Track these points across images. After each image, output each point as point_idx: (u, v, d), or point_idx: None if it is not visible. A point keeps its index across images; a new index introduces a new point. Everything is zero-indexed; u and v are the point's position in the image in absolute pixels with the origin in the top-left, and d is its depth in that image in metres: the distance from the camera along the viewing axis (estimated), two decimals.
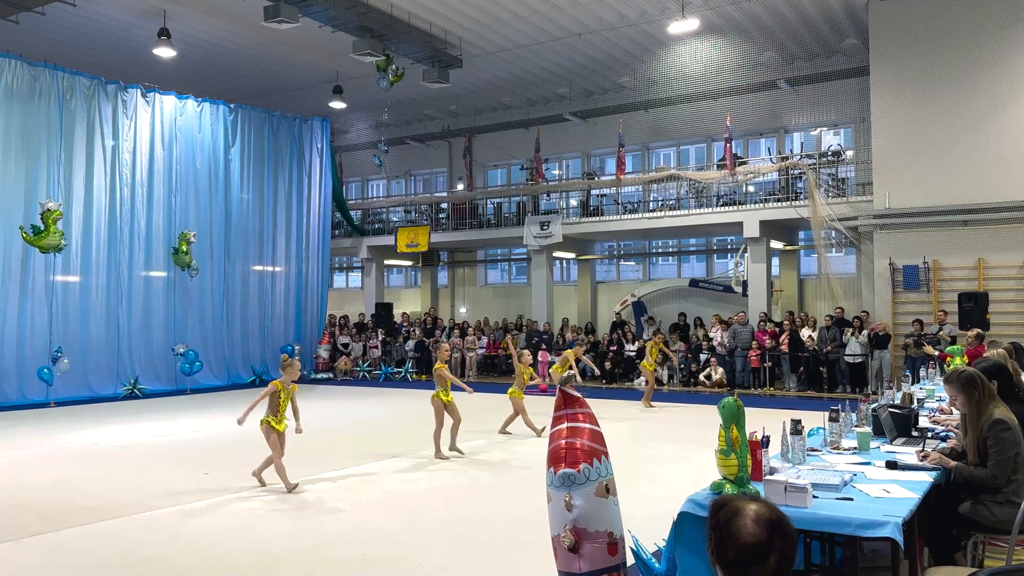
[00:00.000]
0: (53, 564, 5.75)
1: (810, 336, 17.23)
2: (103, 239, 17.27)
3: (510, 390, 11.63)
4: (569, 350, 15.52)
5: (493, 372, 21.55)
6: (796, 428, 4.79)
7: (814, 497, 3.82)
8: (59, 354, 16.04)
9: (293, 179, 21.70)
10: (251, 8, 16.09)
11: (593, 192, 22.15)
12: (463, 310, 26.03)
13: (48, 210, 15.67)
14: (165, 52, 17.70)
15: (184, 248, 18.41)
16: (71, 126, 16.78)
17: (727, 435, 3.83)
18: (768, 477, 4.01)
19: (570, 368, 15.30)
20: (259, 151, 20.79)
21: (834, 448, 5.19)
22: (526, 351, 13.79)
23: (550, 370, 15.78)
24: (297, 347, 21.18)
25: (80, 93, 16.99)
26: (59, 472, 9.11)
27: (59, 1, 16.01)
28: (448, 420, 9.91)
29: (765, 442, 4.30)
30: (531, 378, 12.13)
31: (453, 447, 9.99)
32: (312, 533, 6.48)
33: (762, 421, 5.22)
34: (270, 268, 21.09)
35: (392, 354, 22.40)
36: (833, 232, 17.65)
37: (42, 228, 15.70)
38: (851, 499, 3.89)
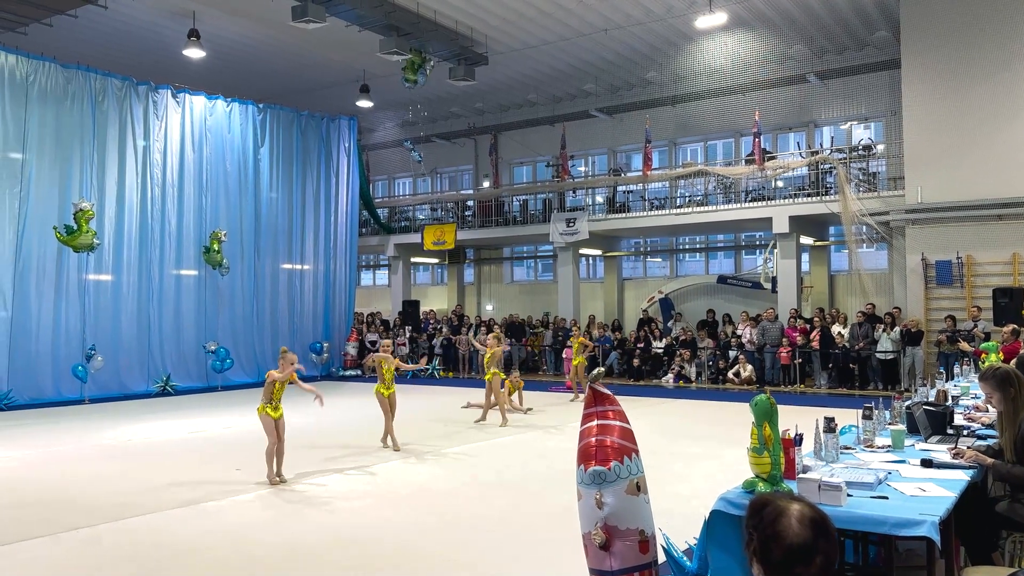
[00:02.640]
0: (88, 558, 5.85)
1: (840, 333, 17.03)
2: (135, 238, 17.51)
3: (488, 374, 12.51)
4: (572, 338, 15.76)
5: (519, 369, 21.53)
6: (829, 426, 4.73)
7: (848, 496, 3.77)
8: (93, 352, 16.30)
9: (321, 178, 21.87)
10: (279, 8, 16.22)
11: (619, 188, 22.05)
12: (489, 307, 26.07)
13: (81, 210, 15.92)
14: (195, 53, 17.90)
15: (215, 247, 18.62)
16: (103, 127, 17.03)
17: (760, 433, 3.79)
18: (802, 475, 3.97)
19: (583, 347, 15.58)
20: (288, 150, 20.97)
21: (868, 446, 5.13)
22: (490, 336, 14.14)
23: (573, 353, 15.84)
24: (325, 344, 21.37)
25: (112, 94, 17.24)
26: (94, 468, 9.26)
27: (91, 4, 16.25)
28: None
29: (798, 440, 4.26)
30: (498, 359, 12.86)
31: (386, 440, 10.33)
32: (342, 528, 6.53)
33: (793, 419, 5.16)
34: (299, 266, 21.28)
35: (418, 351, 22.49)
36: (864, 227, 17.43)
37: (75, 228, 15.96)
38: (886, 497, 3.84)
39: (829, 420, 4.77)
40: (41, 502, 7.57)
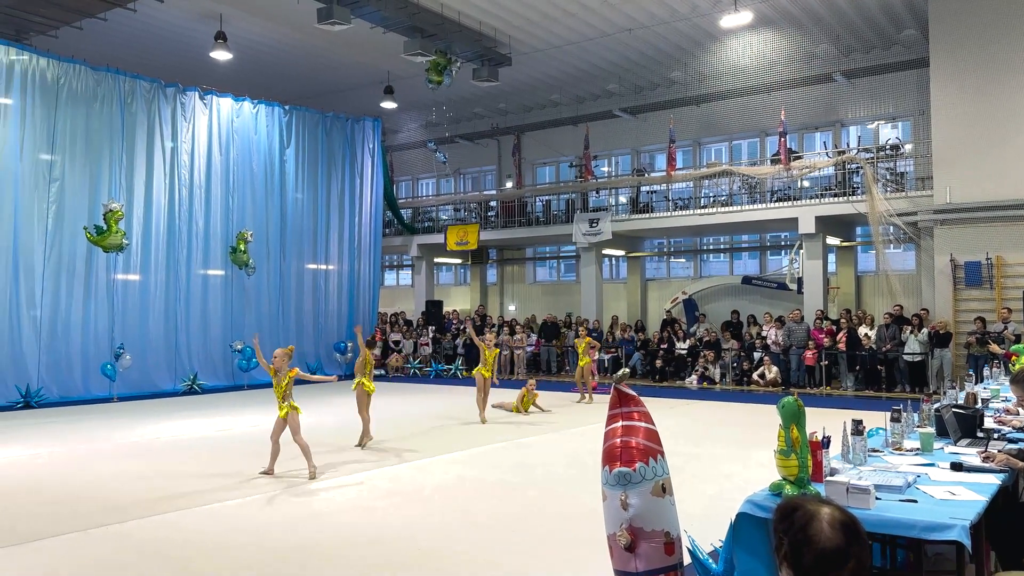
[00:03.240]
0: (119, 554, 5.93)
1: (867, 334, 16.85)
2: (162, 239, 17.73)
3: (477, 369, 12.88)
4: (578, 339, 15.93)
5: (541, 370, 21.54)
6: (857, 428, 4.69)
7: (877, 499, 3.75)
8: (121, 351, 16.52)
9: (346, 179, 22.02)
10: (304, 10, 16.35)
11: (643, 188, 21.98)
12: (512, 307, 26.08)
13: (111, 210, 16.15)
14: (221, 55, 18.09)
15: (242, 247, 18.82)
16: (132, 129, 17.26)
17: (787, 435, 3.77)
18: (829, 478, 3.94)
19: (592, 348, 15.48)
20: (313, 152, 21.14)
21: (896, 449, 5.08)
22: (489, 335, 14.49)
23: (579, 351, 15.76)
24: (349, 344, 21.49)
25: (141, 96, 17.47)
26: (122, 465, 9.38)
27: (120, 7, 16.47)
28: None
29: (826, 443, 4.22)
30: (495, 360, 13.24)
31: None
32: (367, 527, 6.57)
33: (820, 421, 5.12)
34: (324, 266, 21.44)
35: (442, 351, 22.56)
36: (892, 228, 17.25)
37: (105, 228, 16.18)
38: (915, 501, 3.81)
39: (857, 423, 4.73)
40: (71, 498, 7.69)
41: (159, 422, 13.07)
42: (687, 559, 4.15)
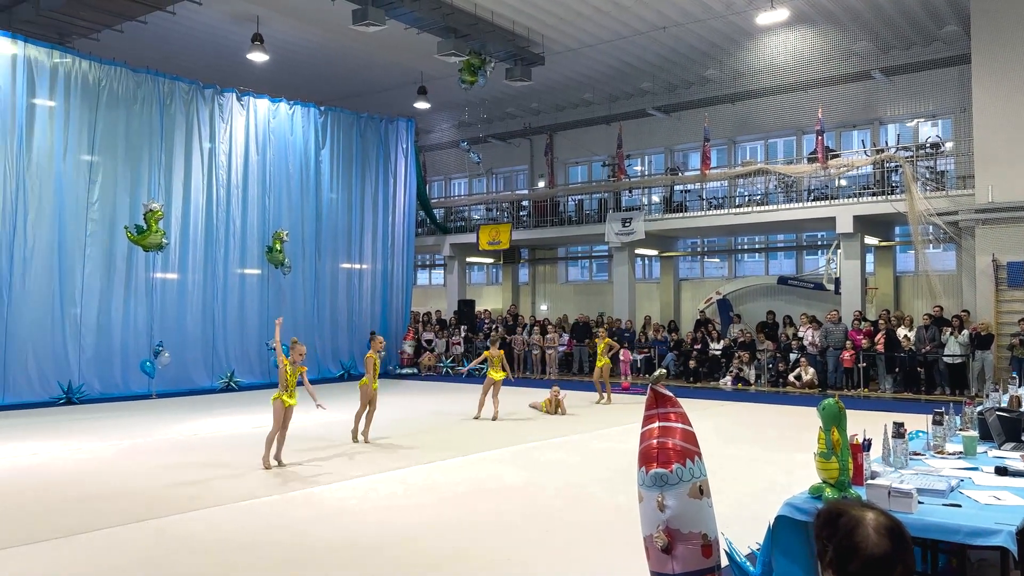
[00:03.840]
0: (157, 548, 6.03)
1: (907, 336, 16.57)
2: (200, 238, 17.99)
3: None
4: (598, 339, 15.88)
5: (573, 370, 21.50)
6: (898, 431, 4.62)
7: (919, 503, 3.69)
8: (160, 348, 16.79)
9: (379, 179, 22.18)
10: (340, 12, 16.48)
11: (677, 188, 21.81)
12: (544, 307, 26.06)
13: (151, 210, 16.42)
14: (258, 57, 18.31)
15: (278, 247, 19.04)
16: (171, 130, 17.54)
17: (827, 438, 3.72)
18: (870, 481, 3.88)
19: (609, 348, 15.32)
20: (347, 152, 21.32)
21: (938, 452, 4.99)
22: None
23: (598, 351, 15.65)
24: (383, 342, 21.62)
25: (179, 98, 17.74)
26: (161, 461, 9.53)
27: (160, 10, 16.75)
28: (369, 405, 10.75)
29: (866, 445, 4.17)
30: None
31: (364, 433, 10.76)
32: (399, 525, 6.60)
33: (858, 423, 5.05)
34: (357, 266, 21.61)
35: (474, 351, 22.59)
36: (931, 227, 16.94)
37: (145, 228, 16.46)
38: (959, 505, 3.74)
39: (898, 425, 4.66)
40: (111, 493, 7.83)
41: (197, 419, 13.27)
42: (724, 561, 4.11)
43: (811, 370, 17.18)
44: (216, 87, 18.49)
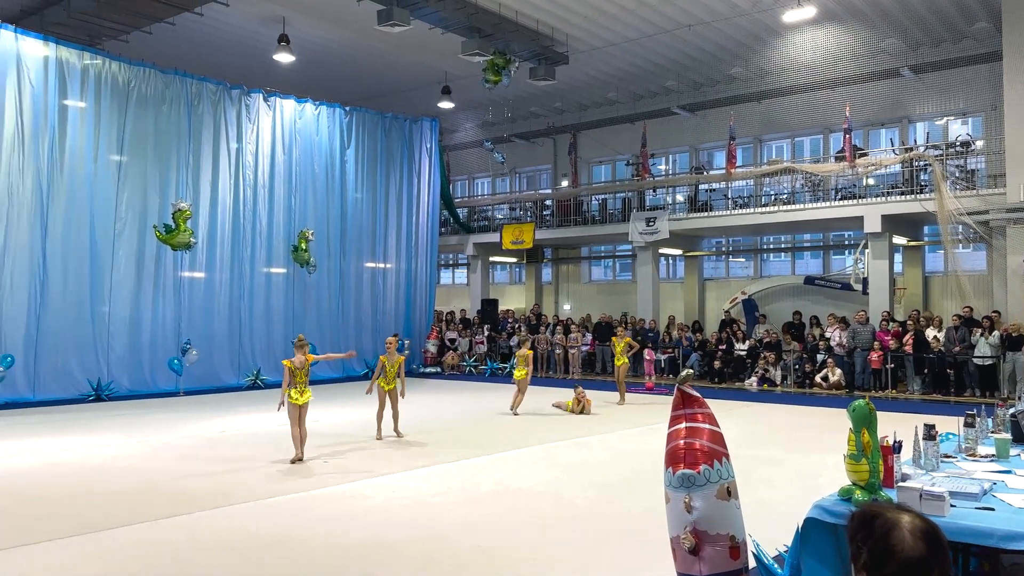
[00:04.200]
0: (186, 544, 6.10)
1: (936, 336, 16.35)
2: (227, 237, 18.17)
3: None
4: (616, 338, 15.87)
5: (595, 370, 21.45)
6: (929, 433, 4.56)
7: (952, 506, 3.64)
8: (188, 346, 16.98)
9: (404, 179, 22.27)
10: (365, 12, 16.56)
11: (701, 187, 21.68)
12: (567, 307, 26.03)
13: (179, 210, 16.61)
14: (284, 57, 18.45)
15: (303, 246, 19.19)
16: (198, 130, 17.72)
17: (858, 439, 3.69)
18: (901, 484, 3.84)
19: (629, 347, 15.20)
20: (372, 152, 21.43)
21: (970, 455, 4.92)
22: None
23: (617, 351, 15.56)
24: (407, 341, 21.73)
25: (207, 99, 17.92)
26: (189, 457, 9.65)
27: (188, 12, 16.93)
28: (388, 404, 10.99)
29: (897, 447, 4.12)
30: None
31: (395, 429, 11.00)
32: (426, 523, 6.63)
33: (886, 425, 4.99)
34: (382, 265, 21.72)
35: (497, 350, 22.63)
36: (961, 227, 16.70)
37: (174, 227, 16.65)
38: (992, 509, 3.68)
39: (929, 427, 4.60)
40: (141, 489, 7.93)
41: (224, 416, 13.40)
42: (752, 563, 4.09)
43: (838, 371, 17.01)
44: (243, 88, 18.65)
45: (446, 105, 22.66)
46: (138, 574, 5.44)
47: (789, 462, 9.27)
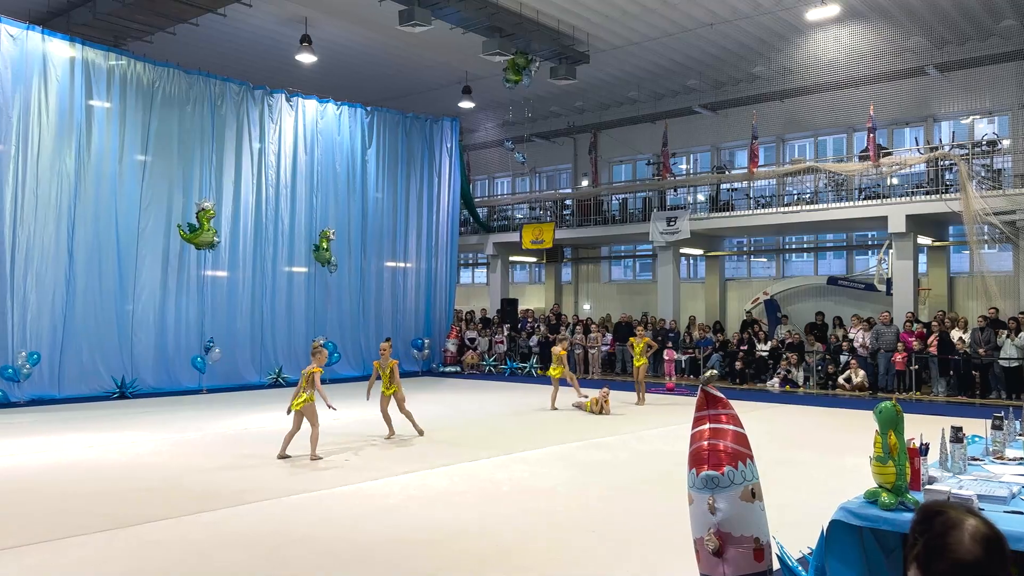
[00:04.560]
0: (210, 541, 6.15)
1: (961, 338, 16.15)
2: (249, 237, 18.30)
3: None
4: (635, 339, 15.80)
5: (615, 370, 21.39)
6: (956, 436, 4.51)
7: (980, 509, 3.58)
8: (211, 344, 17.12)
9: (424, 178, 22.32)
10: (386, 13, 16.62)
11: (723, 186, 21.56)
12: (587, 307, 25.98)
13: (203, 209, 16.76)
14: (306, 58, 18.56)
15: (324, 245, 19.30)
16: (222, 130, 17.86)
17: (884, 441, 3.65)
18: (928, 486, 3.80)
19: (648, 347, 15.11)
20: (393, 152, 21.50)
21: (998, 458, 4.86)
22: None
23: (636, 352, 15.50)
24: (426, 340, 21.81)
25: (230, 99, 18.05)
26: (213, 454, 9.73)
27: (211, 12, 17.07)
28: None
29: (924, 450, 4.07)
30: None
31: (415, 428, 11.00)
32: (447, 522, 6.64)
33: (911, 427, 4.93)
34: (402, 264, 21.78)
35: (517, 349, 22.62)
36: (987, 227, 16.48)
37: (198, 226, 16.80)
38: (1021, 512, 3.63)
39: (956, 430, 4.55)
40: (164, 486, 8.01)
41: (247, 414, 13.49)
42: (776, 565, 4.05)
43: (861, 372, 16.85)
44: (266, 88, 18.77)
45: (467, 105, 22.69)
46: (163, 570, 5.49)
47: (812, 464, 9.20)
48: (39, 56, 15.11)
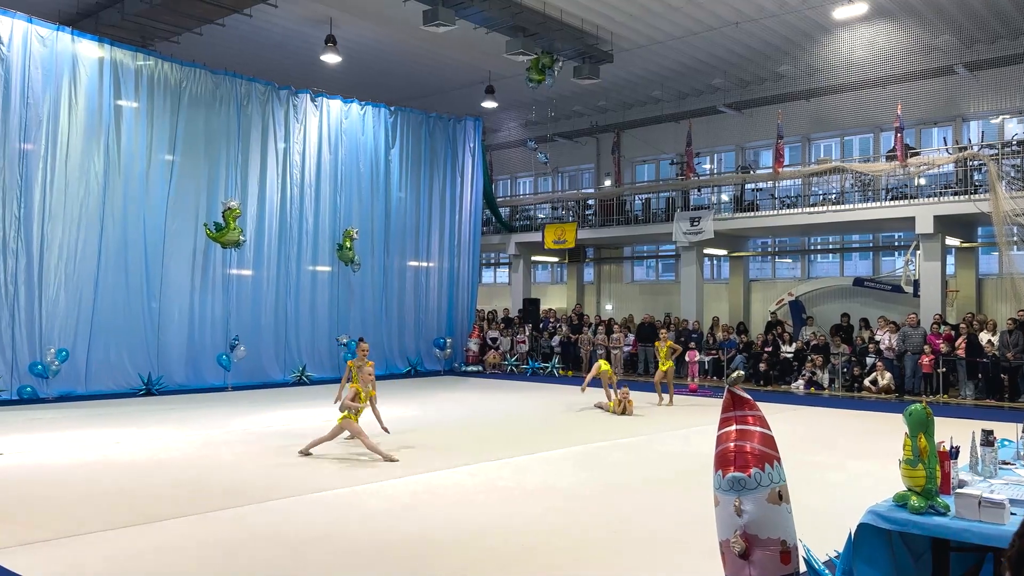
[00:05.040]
0: (234, 537, 6.19)
1: (990, 341, 15.93)
2: (274, 235, 18.44)
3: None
4: (659, 342, 15.68)
5: (638, 371, 21.30)
6: (987, 439, 4.44)
7: (1012, 514, 3.53)
8: (236, 342, 17.27)
9: (447, 178, 22.37)
10: (410, 13, 16.67)
11: (748, 186, 21.41)
12: (609, 307, 25.91)
13: (229, 208, 16.91)
14: (331, 58, 18.66)
15: (348, 244, 19.40)
16: (247, 130, 18.00)
17: (914, 444, 3.60)
18: (958, 490, 3.74)
19: (672, 351, 14.99)
20: (416, 151, 21.58)
21: None
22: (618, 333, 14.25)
23: (661, 356, 15.37)
24: (449, 340, 21.86)
25: (256, 99, 18.19)
26: (238, 451, 9.80)
27: (237, 13, 17.21)
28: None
29: (954, 453, 4.02)
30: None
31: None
32: (471, 520, 6.65)
33: (938, 430, 4.86)
34: (424, 263, 21.84)
35: (539, 349, 22.61)
36: (1017, 228, 16.23)
37: (224, 225, 16.95)
38: None
39: (987, 433, 4.48)
40: (190, 482, 8.08)
41: (271, 411, 13.60)
42: (802, 568, 4.02)
43: (888, 375, 16.66)
44: (291, 88, 18.90)
45: (489, 105, 22.71)
46: (189, 565, 5.54)
47: (838, 467, 9.11)
48: (68, 57, 15.32)
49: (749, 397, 4.10)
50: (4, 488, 7.69)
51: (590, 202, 24.80)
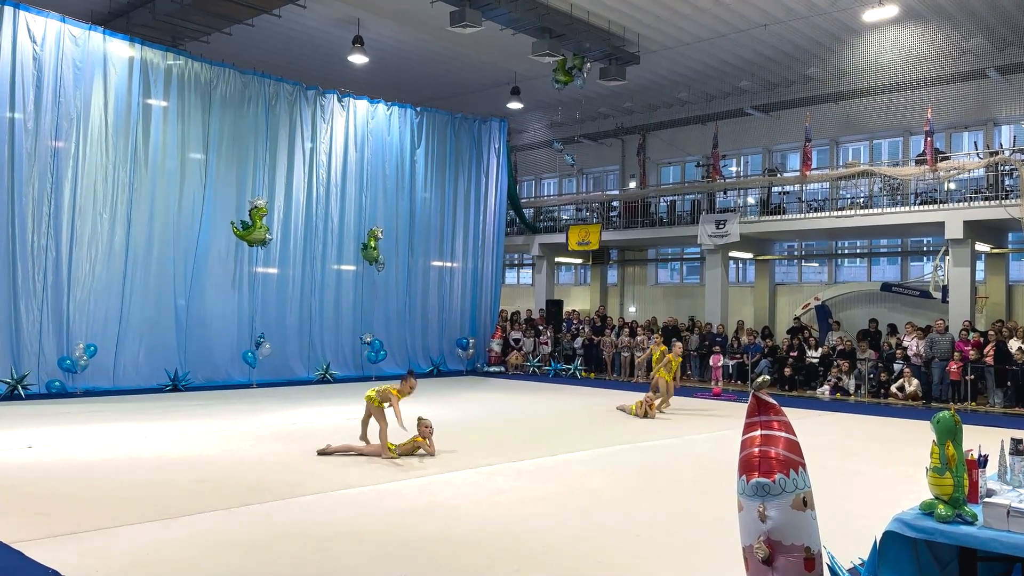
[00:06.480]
0: (260, 534, 6.25)
1: (1020, 348, 15.68)
2: (300, 234, 18.59)
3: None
4: (654, 346, 15.48)
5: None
6: (1017, 448, 4.38)
7: None
8: (262, 339, 17.42)
9: (472, 179, 22.42)
10: (437, 14, 16.74)
11: (774, 189, 21.26)
12: (632, 309, 25.83)
13: (256, 207, 17.06)
14: (358, 59, 18.77)
15: (373, 244, 19.51)
16: (275, 130, 18.16)
17: (942, 452, 3.56)
18: (987, 499, 3.70)
19: (670, 356, 14.66)
20: (441, 152, 21.64)
21: None
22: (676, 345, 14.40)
23: (653, 360, 15.16)
24: (471, 340, 21.91)
25: (284, 99, 18.35)
26: (263, 448, 9.89)
27: (266, 13, 17.38)
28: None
29: (982, 462, 3.97)
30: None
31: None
32: (492, 521, 6.66)
33: (967, 438, 4.80)
34: (448, 264, 21.91)
35: (561, 351, 22.58)
36: None
37: (250, 224, 17.11)
38: None
39: (1016, 442, 4.41)
40: (216, 478, 8.17)
41: (295, 408, 13.71)
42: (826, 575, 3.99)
43: (915, 381, 16.46)
44: (318, 88, 19.03)
45: (515, 106, 22.74)
46: (214, 561, 5.61)
47: (864, 474, 9.01)
48: (100, 56, 15.54)
49: (774, 402, 4.07)
50: (32, 481, 7.82)
51: (615, 204, 24.75)
